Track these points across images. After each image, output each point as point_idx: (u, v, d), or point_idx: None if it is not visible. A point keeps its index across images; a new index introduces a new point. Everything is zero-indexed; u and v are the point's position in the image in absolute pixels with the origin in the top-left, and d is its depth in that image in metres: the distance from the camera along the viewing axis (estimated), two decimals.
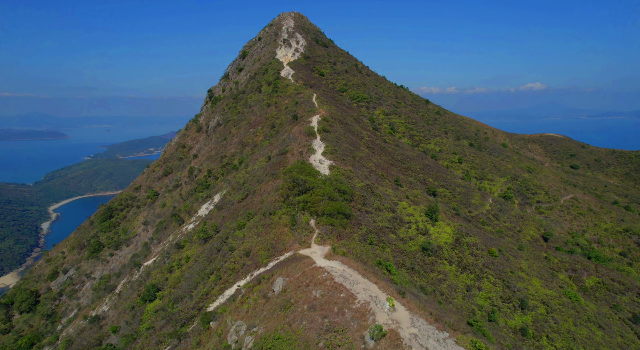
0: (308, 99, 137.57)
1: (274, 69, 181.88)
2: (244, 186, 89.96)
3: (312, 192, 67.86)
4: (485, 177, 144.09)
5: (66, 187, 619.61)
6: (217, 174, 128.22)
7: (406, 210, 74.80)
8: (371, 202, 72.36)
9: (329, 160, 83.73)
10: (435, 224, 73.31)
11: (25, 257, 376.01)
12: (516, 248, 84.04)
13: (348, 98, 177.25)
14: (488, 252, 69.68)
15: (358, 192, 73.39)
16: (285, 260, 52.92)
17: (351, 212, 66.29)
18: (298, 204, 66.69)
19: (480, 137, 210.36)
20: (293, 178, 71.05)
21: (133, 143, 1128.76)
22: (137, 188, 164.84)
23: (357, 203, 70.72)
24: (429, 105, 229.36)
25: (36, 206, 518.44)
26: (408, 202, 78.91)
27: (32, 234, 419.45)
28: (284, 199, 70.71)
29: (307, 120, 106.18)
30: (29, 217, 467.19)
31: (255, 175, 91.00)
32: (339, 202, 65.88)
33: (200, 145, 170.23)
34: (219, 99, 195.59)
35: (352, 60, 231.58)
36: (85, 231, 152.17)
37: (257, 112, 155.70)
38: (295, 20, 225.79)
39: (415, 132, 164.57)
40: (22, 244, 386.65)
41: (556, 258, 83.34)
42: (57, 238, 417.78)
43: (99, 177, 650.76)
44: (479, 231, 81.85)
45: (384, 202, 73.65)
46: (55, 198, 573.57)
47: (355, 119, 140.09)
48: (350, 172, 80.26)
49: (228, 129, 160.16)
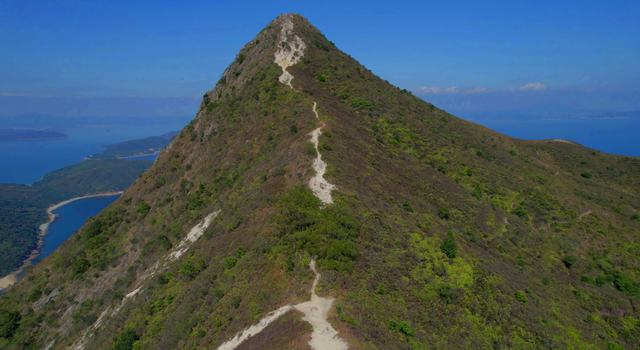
0: (308, 109, 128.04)
1: (272, 74, 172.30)
2: (236, 211, 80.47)
3: (313, 228, 58.44)
4: (497, 190, 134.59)
5: (65, 188, 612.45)
6: (210, 190, 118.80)
7: (419, 244, 65.30)
8: (380, 236, 62.88)
9: (331, 184, 74.20)
10: (453, 261, 63.82)
11: (22, 259, 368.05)
12: (541, 282, 74.55)
13: (350, 105, 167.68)
14: (515, 296, 60.22)
15: (365, 224, 63.89)
16: (279, 324, 43.38)
17: (357, 251, 56.83)
18: (296, 241, 57.27)
19: (488, 145, 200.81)
20: (291, 210, 61.59)
21: (133, 143, 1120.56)
22: (128, 200, 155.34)
23: (364, 238, 61.25)
24: (434, 111, 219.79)
25: (35, 207, 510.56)
26: (420, 233, 69.41)
27: (30, 235, 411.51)
28: (280, 233, 61.25)
29: (307, 135, 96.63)
30: (27, 218, 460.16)
31: (249, 199, 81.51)
32: (344, 240, 56.44)
33: (194, 155, 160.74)
34: (215, 105, 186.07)
35: (354, 63, 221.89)
36: (72, 247, 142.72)
37: (254, 121, 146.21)
38: (294, 23, 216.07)
39: (421, 141, 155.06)
40: (19, 246, 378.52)
41: (586, 293, 73.92)
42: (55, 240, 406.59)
43: (98, 177, 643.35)
44: (500, 265, 72.32)
45: (394, 236, 64.16)
46: (54, 199, 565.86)
47: (358, 130, 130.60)
48: (355, 198, 70.74)
49: (223, 138, 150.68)
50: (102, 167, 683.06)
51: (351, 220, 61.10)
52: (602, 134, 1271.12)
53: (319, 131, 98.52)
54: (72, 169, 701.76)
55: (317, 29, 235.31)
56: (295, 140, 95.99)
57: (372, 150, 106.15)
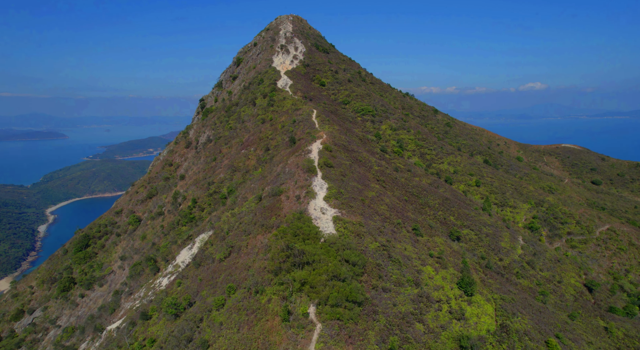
0: (307, 117, 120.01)
1: (270, 78, 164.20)
2: (228, 236, 72.49)
3: (313, 267, 50.49)
4: (507, 203, 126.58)
5: (64, 189, 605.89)
6: (203, 204, 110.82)
7: (433, 280, 57.34)
8: (389, 272, 54.92)
9: (333, 208, 66.17)
10: (472, 300, 55.87)
11: (20, 261, 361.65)
12: (568, 318, 66.59)
13: (352, 111, 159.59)
14: (546, 345, 52.25)
15: (372, 259, 55.92)
16: None
17: (364, 295, 48.90)
18: (293, 282, 49.35)
19: (494, 151, 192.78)
20: (288, 244, 53.64)
21: (132, 143, 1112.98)
22: (119, 212, 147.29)
23: (371, 276, 53.30)
24: (438, 116, 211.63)
25: (33, 208, 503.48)
26: (434, 266, 61.42)
27: (28, 237, 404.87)
28: (275, 270, 53.27)
29: (306, 149, 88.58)
30: (26, 219, 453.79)
31: (242, 222, 73.50)
32: (348, 283, 48.50)
33: (188, 164, 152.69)
34: (211, 110, 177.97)
35: (355, 66, 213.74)
36: (58, 262, 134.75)
37: (250, 129, 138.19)
38: (293, 24, 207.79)
39: (427, 150, 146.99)
40: (17, 248, 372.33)
41: (619, 330, 66.02)
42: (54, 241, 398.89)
43: (98, 178, 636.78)
44: (522, 300, 64.34)
45: (404, 271, 56.19)
46: (53, 200, 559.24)
47: (360, 140, 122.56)
48: (360, 225, 62.71)
49: (218, 146, 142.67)
50: (102, 168, 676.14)
51: (356, 256, 53.12)
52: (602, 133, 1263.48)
53: (319, 145, 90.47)
54: (71, 170, 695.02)
55: (317, 31, 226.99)
56: (294, 155, 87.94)
57: (376, 164, 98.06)
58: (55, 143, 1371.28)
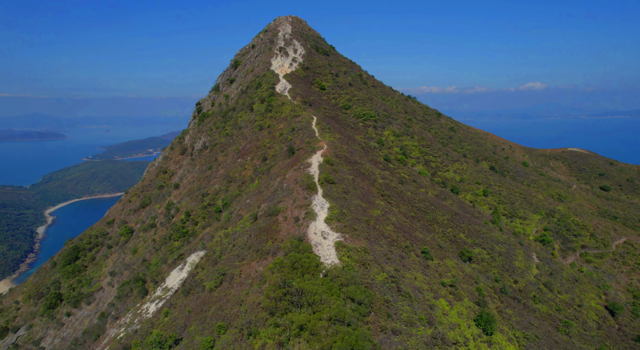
0: (307, 125, 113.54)
1: (268, 82, 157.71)
2: (220, 261, 66.08)
3: (313, 309, 44.05)
4: (517, 214, 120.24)
5: (63, 190, 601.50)
6: (197, 218, 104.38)
7: (448, 317, 50.92)
8: (399, 309, 48.51)
9: (336, 232, 59.72)
10: (492, 340, 49.47)
11: (19, 263, 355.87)
12: None
13: (353, 116, 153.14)
14: None
15: (379, 293, 49.51)
16: None
17: (372, 341, 42.42)
18: (291, 326, 42.95)
19: (500, 157, 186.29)
20: (285, 280, 47.20)
21: (132, 144, 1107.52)
22: (110, 222, 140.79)
23: (379, 315, 46.89)
24: (441, 120, 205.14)
25: (32, 209, 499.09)
26: (447, 298, 55.00)
27: (26, 239, 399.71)
28: (270, 309, 46.84)
29: (306, 162, 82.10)
30: (25, 221, 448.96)
31: (236, 245, 67.06)
32: (353, 328, 42.05)
33: (183, 172, 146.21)
34: (207, 115, 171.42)
35: (356, 69, 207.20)
36: (46, 275, 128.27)
37: (247, 136, 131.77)
38: (293, 26, 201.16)
39: (431, 157, 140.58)
40: (16, 250, 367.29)
41: None
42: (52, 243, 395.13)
43: (97, 179, 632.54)
44: (546, 337, 57.88)
45: (416, 308, 49.77)
46: (52, 201, 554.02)
47: (363, 148, 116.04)
48: (366, 251, 56.26)
49: (214, 154, 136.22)
50: (101, 169, 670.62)
51: (362, 293, 46.68)
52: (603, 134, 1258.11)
53: (319, 157, 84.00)
54: (70, 170, 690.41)
55: (316, 32, 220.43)
56: (292, 168, 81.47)
57: (381, 176, 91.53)
58: (55, 143, 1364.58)
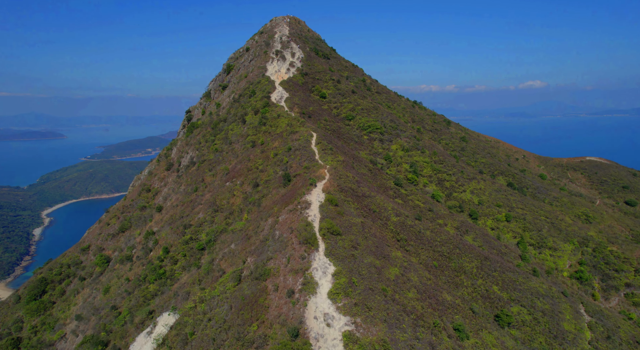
0: (305, 143, 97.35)
1: (263, 90, 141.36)
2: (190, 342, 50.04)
3: None
4: (545, 243, 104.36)
5: (61, 191, 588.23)
6: (177, 255, 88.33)
7: None
8: None
9: (344, 315, 43.72)
10: None
11: (14, 266, 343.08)
12: None
13: (357, 128, 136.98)
14: None
15: None
16: None
17: None
18: None
19: (516, 169, 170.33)
20: None
21: (131, 143, 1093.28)
22: (85, 248, 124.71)
23: None
24: (451, 128, 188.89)
25: (29, 211, 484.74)
26: None
27: (22, 241, 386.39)
28: None
29: (303, 200, 65.95)
30: (21, 222, 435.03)
31: (212, 318, 51.04)
32: None
33: (167, 191, 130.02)
34: (196, 125, 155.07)
35: (359, 73, 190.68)
36: (9, 312, 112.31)
37: (238, 153, 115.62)
38: (290, 27, 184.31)
39: (445, 175, 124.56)
40: (11, 253, 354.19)
41: None
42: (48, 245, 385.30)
43: (95, 179, 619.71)
44: None
45: None
46: (49, 202, 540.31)
47: (370, 170, 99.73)
48: (385, 346, 40.36)
49: (201, 173, 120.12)
50: (99, 169, 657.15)
51: None
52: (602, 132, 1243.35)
53: (320, 193, 67.90)
54: (68, 171, 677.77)
55: (316, 34, 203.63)
56: (287, 209, 65.33)
57: (394, 212, 75.38)
58: (54, 143, 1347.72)
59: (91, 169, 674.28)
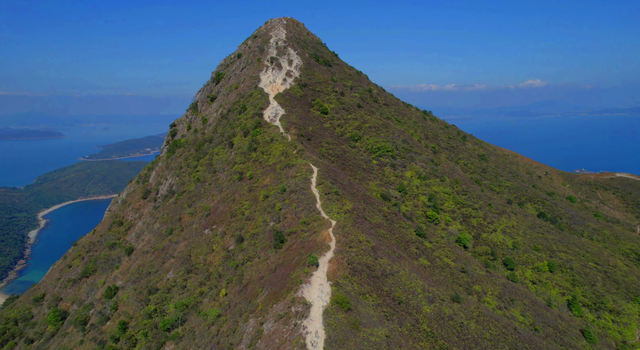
0: (303, 184, 75.67)
1: (254, 105, 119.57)
2: None
3: None
4: (604, 304, 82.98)
5: (58, 191, 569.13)
6: (136, 333, 66.88)
7: None
8: None
9: None
10: None
11: (7, 270, 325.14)
12: None
13: (364, 150, 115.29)
14: None
15: None
16: None
17: None
18: None
19: (541, 190, 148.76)
20: None
21: (129, 143, 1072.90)
22: (39, 298, 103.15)
23: None
24: (467, 144, 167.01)
25: (24, 212, 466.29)
26: None
27: (17, 244, 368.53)
28: None
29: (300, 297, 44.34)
30: (16, 225, 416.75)
31: None
32: None
33: (141, 225, 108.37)
34: (179, 144, 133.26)
35: (364, 82, 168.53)
36: None
37: (222, 187, 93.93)
38: (287, 30, 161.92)
39: (470, 209, 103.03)
40: (5, 256, 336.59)
41: None
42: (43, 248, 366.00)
43: (92, 180, 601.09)
44: None
45: None
46: (45, 203, 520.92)
47: (385, 217, 77.93)
48: None
49: (179, 208, 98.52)
50: (96, 169, 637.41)
51: None
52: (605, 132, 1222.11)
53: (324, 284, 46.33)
54: (66, 171, 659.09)
55: (316, 37, 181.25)
56: (276, 310, 43.81)
57: (426, 296, 53.78)
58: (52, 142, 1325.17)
59: (89, 169, 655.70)
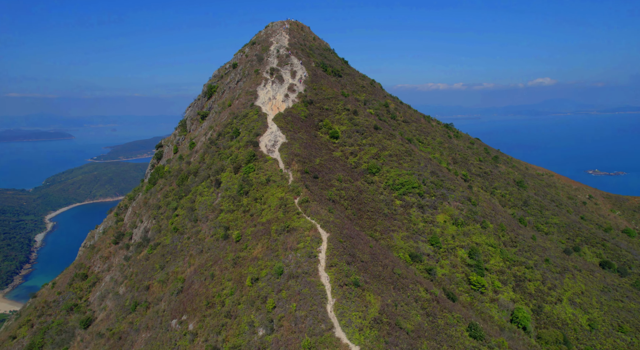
0: (308, 266, 52.30)
1: (249, 130, 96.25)
2: None
3: None
4: None
5: (65, 194, 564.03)
6: None
7: None
8: None
9: None
10: None
11: (13, 275, 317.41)
12: None
13: (384, 187, 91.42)
14: None
15: None
16: None
17: None
18: None
19: (593, 222, 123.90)
20: None
21: (137, 144, 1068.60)
22: None
23: None
24: (501, 167, 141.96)
25: (32, 215, 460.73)
26: None
27: (23, 248, 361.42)
28: None
29: None
30: (23, 228, 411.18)
31: None
32: None
33: (107, 284, 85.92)
34: (161, 174, 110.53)
35: (379, 94, 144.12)
36: None
37: (203, 246, 70.90)
38: (291, 35, 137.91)
39: (524, 268, 78.86)
40: (10, 261, 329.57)
41: None
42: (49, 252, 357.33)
43: (99, 182, 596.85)
44: None
45: None
46: (53, 205, 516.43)
47: (425, 310, 54.49)
48: None
49: (149, 268, 75.90)
50: (103, 171, 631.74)
51: None
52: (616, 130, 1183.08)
53: None
54: (74, 173, 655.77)
55: (323, 42, 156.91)
56: None
57: None
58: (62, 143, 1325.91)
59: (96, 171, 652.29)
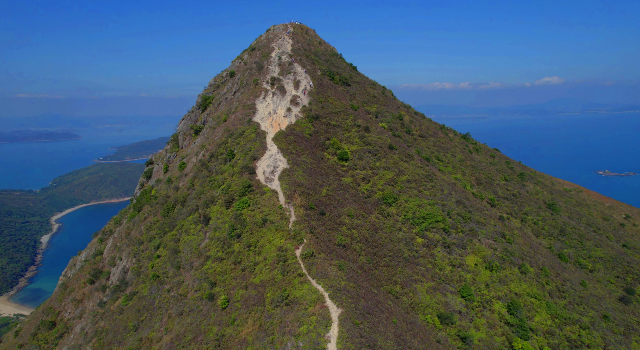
0: None
1: (246, 152, 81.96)
2: None
3: None
4: None
5: (71, 195, 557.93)
6: None
7: None
8: None
9: None
10: None
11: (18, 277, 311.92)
12: None
13: (402, 221, 76.77)
14: None
15: None
16: None
17: None
18: None
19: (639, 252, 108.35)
20: None
21: (143, 144, 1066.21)
22: None
23: None
24: (528, 185, 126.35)
25: (38, 216, 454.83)
26: None
27: (29, 250, 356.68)
28: None
29: None
30: (29, 229, 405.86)
31: None
32: None
33: (74, 340, 72.22)
34: (147, 198, 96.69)
35: (391, 104, 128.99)
36: None
37: (183, 308, 56.96)
38: (294, 40, 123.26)
39: (579, 329, 63.83)
40: (16, 263, 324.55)
41: None
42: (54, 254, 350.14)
43: (105, 183, 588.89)
44: None
45: None
46: (59, 207, 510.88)
47: None
48: None
49: (121, 328, 62.06)
50: (109, 172, 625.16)
51: None
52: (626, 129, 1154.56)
53: None
54: (80, 173, 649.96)
55: (330, 47, 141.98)
56: None
57: None
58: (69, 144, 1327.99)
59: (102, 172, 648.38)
